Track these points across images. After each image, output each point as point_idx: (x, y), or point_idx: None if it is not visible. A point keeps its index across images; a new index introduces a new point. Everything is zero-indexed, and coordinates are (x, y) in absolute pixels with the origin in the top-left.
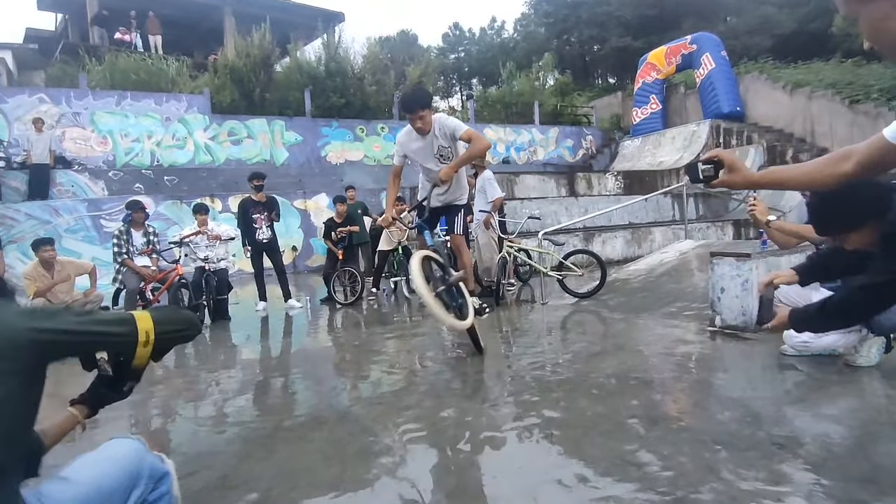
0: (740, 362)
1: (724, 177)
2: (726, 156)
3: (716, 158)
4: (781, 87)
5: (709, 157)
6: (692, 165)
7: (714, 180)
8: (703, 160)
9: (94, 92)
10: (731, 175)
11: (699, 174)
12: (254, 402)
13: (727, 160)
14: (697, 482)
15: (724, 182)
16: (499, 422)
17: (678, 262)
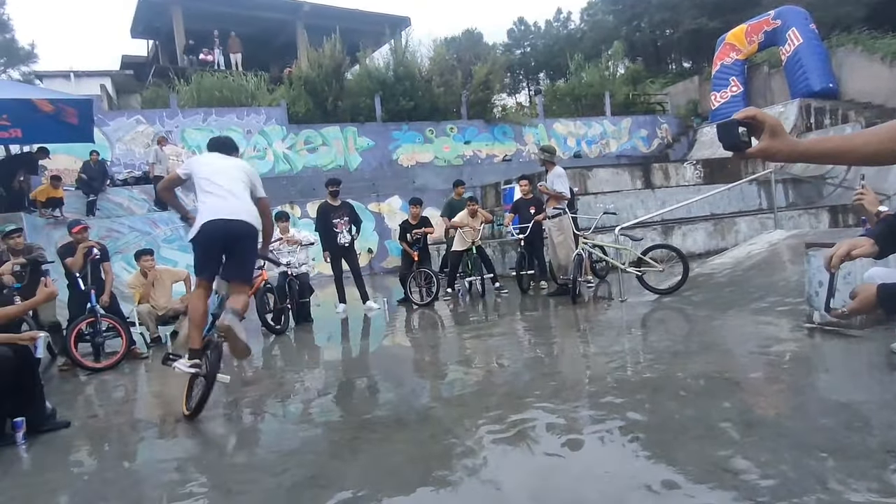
0: (844, 362)
1: (764, 142)
2: (767, 116)
3: (752, 118)
4: (880, 59)
5: (745, 115)
6: (725, 126)
7: (749, 147)
8: (739, 119)
9: (183, 111)
10: (771, 140)
11: (736, 138)
12: (337, 402)
13: (768, 122)
14: (801, 492)
15: (763, 149)
16: (581, 424)
17: (768, 254)
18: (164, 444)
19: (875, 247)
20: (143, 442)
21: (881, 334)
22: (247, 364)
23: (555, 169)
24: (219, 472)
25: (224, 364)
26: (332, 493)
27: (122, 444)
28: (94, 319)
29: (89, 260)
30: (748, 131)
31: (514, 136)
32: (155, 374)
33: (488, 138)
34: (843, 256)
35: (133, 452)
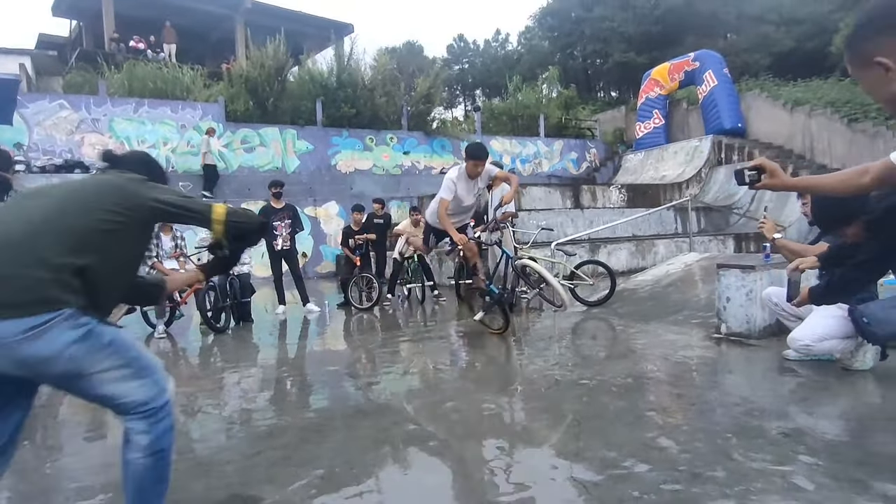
0: (745, 366)
1: (767, 180)
2: (768, 163)
3: (759, 165)
4: (781, 105)
5: (754, 164)
6: (739, 171)
7: (758, 183)
8: (749, 167)
9: (112, 99)
10: (772, 179)
11: (745, 178)
12: (294, 397)
13: (769, 167)
14: (712, 462)
15: (766, 185)
16: (529, 413)
17: (683, 274)
18: None
19: (818, 262)
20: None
21: (775, 344)
22: (188, 362)
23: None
24: (186, 456)
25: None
26: (309, 470)
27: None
28: None
29: None
30: (757, 173)
31: (452, 150)
32: None
33: (427, 150)
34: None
35: (100, 437)
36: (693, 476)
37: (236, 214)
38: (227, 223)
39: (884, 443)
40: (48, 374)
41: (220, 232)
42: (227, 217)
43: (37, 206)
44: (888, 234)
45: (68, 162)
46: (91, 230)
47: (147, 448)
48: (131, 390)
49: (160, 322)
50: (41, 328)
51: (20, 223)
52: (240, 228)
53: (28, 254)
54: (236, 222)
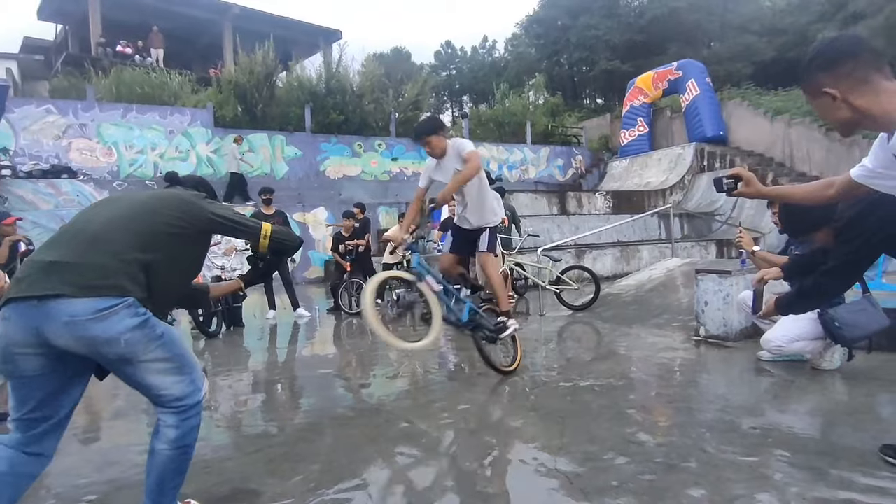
0: (721, 366)
1: (742, 188)
2: (744, 173)
3: (736, 175)
4: (762, 114)
5: (731, 174)
6: (718, 179)
7: (734, 191)
8: (727, 176)
9: (100, 104)
10: (747, 188)
11: (723, 186)
12: (288, 398)
13: (744, 176)
14: (686, 454)
15: (741, 193)
16: (515, 412)
17: (666, 279)
18: (129, 428)
19: (781, 273)
20: (103, 431)
21: (750, 346)
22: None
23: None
24: None
25: None
26: (307, 465)
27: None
28: None
29: (20, 254)
30: (734, 181)
31: None
32: None
33: (415, 156)
34: (760, 279)
35: (95, 439)
36: (668, 467)
37: (280, 233)
38: (271, 239)
39: (844, 435)
40: (106, 354)
41: (265, 247)
42: (272, 234)
43: (113, 208)
44: (858, 240)
45: (55, 167)
46: (157, 232)
47: (174, 441)
48: (171, 384)
49: None
50: (109, 311)
51: (99, 222)
52: (282, 244)
53: (104, 246)
54: (279, 239)
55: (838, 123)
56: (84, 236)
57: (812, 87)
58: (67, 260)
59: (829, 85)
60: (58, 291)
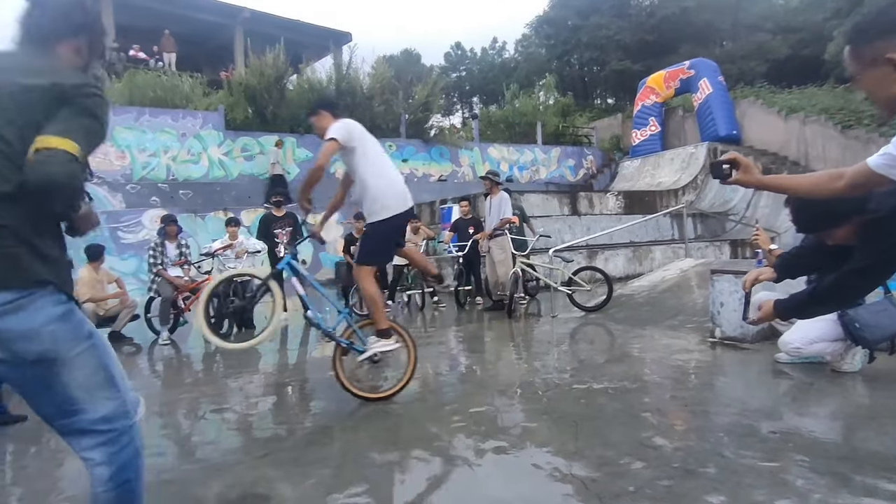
0: (738, 369)
1: (739, 175)
2: (741, 159)
3: (732, 159)
4: (776, 112)
5: (728, 157)
6: (715, 163)
7: (730, 178)
8: (722, 160)
9: (113, 108)
10: (745, 175)
11: (720, 171)
12: (298, 401)
13: (742, 162)
14: (704, 459)
15: (738, 180)
16: (528, 414)
17: (679, 279)
18: None
19: (774, 273)
20: None
21: (767, 347)
22: (191, 368)
23: (501, 193)
24: (197, 458)
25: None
26: (318, 469)
27: None
28: None
29: None
30: (730, 167)
31: (450, 158)
32: None
33: (425, 158)
34: (753, 280)
35: None
36: (686, 472)
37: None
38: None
39: (867, 439)
40: (24, 354)
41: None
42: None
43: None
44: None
45: None
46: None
47: (111, 480)
48: (98, 399)
49: (164, 328)
50: (23, 299)
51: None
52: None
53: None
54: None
55: (889, 100)
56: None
57: (868, 55)
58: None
59: (893, 50)
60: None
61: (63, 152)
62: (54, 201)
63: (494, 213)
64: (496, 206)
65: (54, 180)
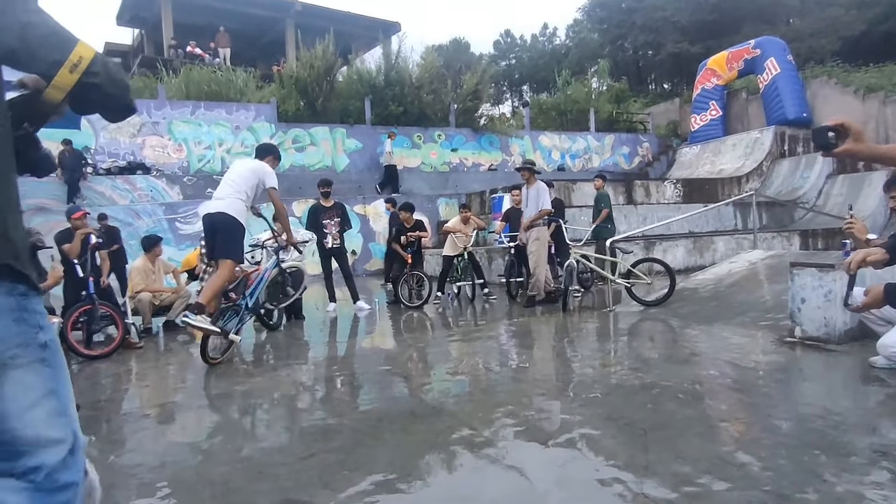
0: (825, 373)
1: (849, 145)
2: (853, 124)
3: (840, 126)
4: (853, 92)
5: (835, 123)
6: (818, 131)
7: (837, 148)
8: (828, 126)
9: (171, 102)
10: (855, 144)
11: (826, 140)
12: (348, 395)
13: (853, 129)
14: (802, 483)
15: (847, 149)
16: (590, 420)
17: (748, 272)
18: (173, 428)
19: (886, 255)
20: (162, 427)
21: (857, 349)
22: (243, 358)
23: (538, 184)
24: (241, 456)
25: (230, 354)
26: (363, 475)
27: (154, 424)
28: (92, 307)
29: (89, 247)
30: (836, 136)
31: (499, 146)
32: (148, 364)
33: (475, 147)
34: (860, 262)
35: (153, 436)
36: (781, 498)
37: (112, 66)
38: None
39: None
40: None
41: (63, 86)
42: (90, 63)
43: None
44: None
45: (131, 164)
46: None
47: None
48: (47, 418)
49: None
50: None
51: None
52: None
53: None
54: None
55: None
56: None
57: None
58: None
59: None
60: None
61: (100, 55)
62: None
63: (532, 203)
64: (533, 196)
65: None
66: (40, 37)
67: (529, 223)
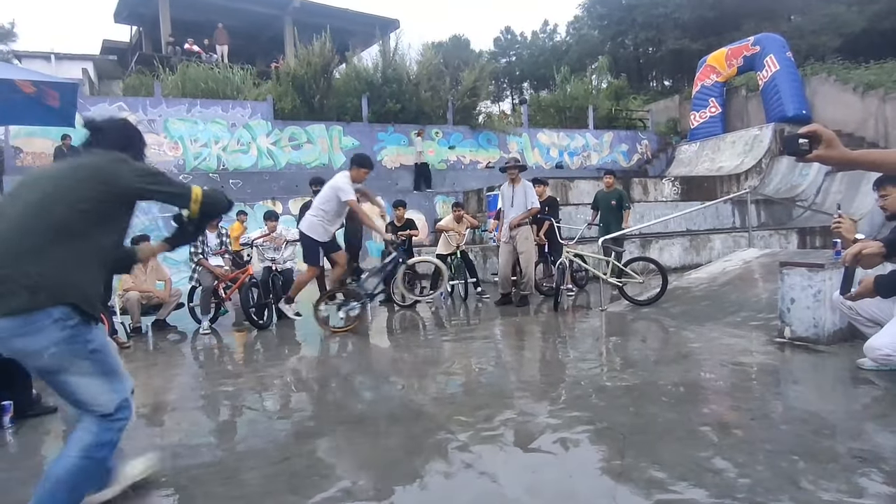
0: (812, 375)
1: (821, 151)
2: (824, 131)
3: (812, 133)
4: (852, 89)
5: (807, 130)
6: (790, 138)
7: (809, 154)
8: (801, 133)
9: (167, 100)
10: (827, 150)
11: (797, 147)
12: (329, 397)
13: (825, 136)
14: (776, 490)
15: (819, 156)
16: (568, 424)
17: (742, 271)
18: (154, 430)
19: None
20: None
21: (846, 350)
22: (233, 357)
23: (524, 182)
24: (213, 460)
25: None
26: (333, 481)
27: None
28: None
29: None
30: (809, 142)
31: (497, 144)
32: (136, 364)
33: (473, 144)
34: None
35: None
36: None
37: (211, 195)
38: (202, 203)
39: None
40: (30, 365)
41: (196, 211)
42: (203, 198)
43: (27, 197)
44: None
45: None
46: (77, 216)
47: (85, 449)
48: (97, 397)
49: (205, 318)
50: (32, 327)
51: (11, 217)
52: (213, 207)
53: (19, 249)
54: (210, 202)
55: None
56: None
57: None
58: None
59: None
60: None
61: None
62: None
63: (519, 202)
64: (520, 195)
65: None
66: (172, 194)
67: (518, 222)
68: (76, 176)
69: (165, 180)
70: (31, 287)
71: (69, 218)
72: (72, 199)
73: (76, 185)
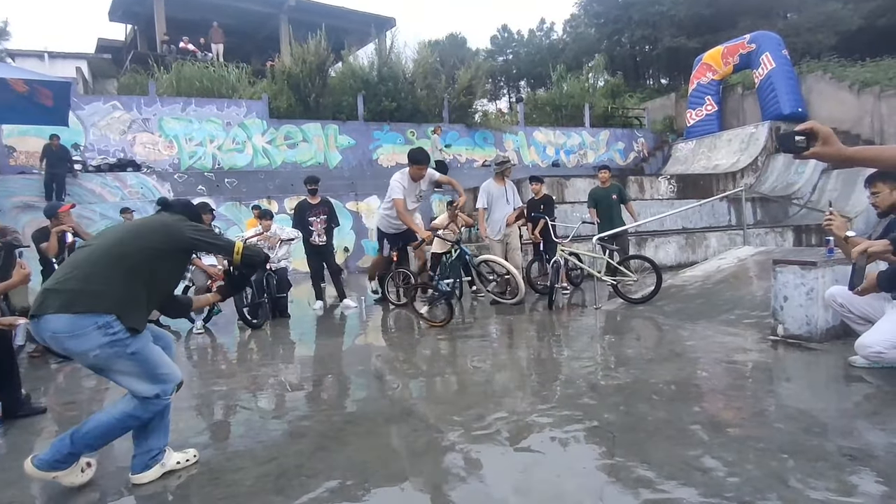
0: (805, 372)
1: (817, 148)
2: (821, 128)
3: (809, 130)
4: (847, 87)
5: (804, 128)
6: (786, 135)
7: (806, 151)
8: (797, 131)
9: (161, 99)
10: (824, 147)
11: (793, 144)
12: (320, 397)
13: (822, 132)
14: (765, 489)
15: (816, 153)
16: (559, 423)
17: (737, 269)
18: None
19: (889, 246)
20: None
21: (839, 348)
22: (225, 357)
23: (509, 180)
24: (201, 461)
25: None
26: (320, 482)
27: None
28: None
29: (67, 245)
30: (805, 139)
31: (493, 142)
32: None
33: (469, 143)
34: (862, 252)
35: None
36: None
37: (249, 249)
38: (243, 255)
39: None
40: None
41: (237, 261)
42: (243, 250)
43: (107, 237)
44: None
45: (121, 161)
46: (141, 252)
47: (125, 408)
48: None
49: (199, 318)
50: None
51: (90, 250)
52: (252, 259)
53: (85, 271)
54: (249, 255)
55: None
56: (73, 264)
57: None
58: (55, 287)
59: None
60: (44, 311)
61: (245, 245)
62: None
63: (511, 199)
64: (511, 191)
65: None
66: (220, 246)
67: (515, 219)
68: (149, 227)
69: (214, 236)
70: (93, 294)
71: (134, 256)
72: (140, 244)
73: (147, 233)
